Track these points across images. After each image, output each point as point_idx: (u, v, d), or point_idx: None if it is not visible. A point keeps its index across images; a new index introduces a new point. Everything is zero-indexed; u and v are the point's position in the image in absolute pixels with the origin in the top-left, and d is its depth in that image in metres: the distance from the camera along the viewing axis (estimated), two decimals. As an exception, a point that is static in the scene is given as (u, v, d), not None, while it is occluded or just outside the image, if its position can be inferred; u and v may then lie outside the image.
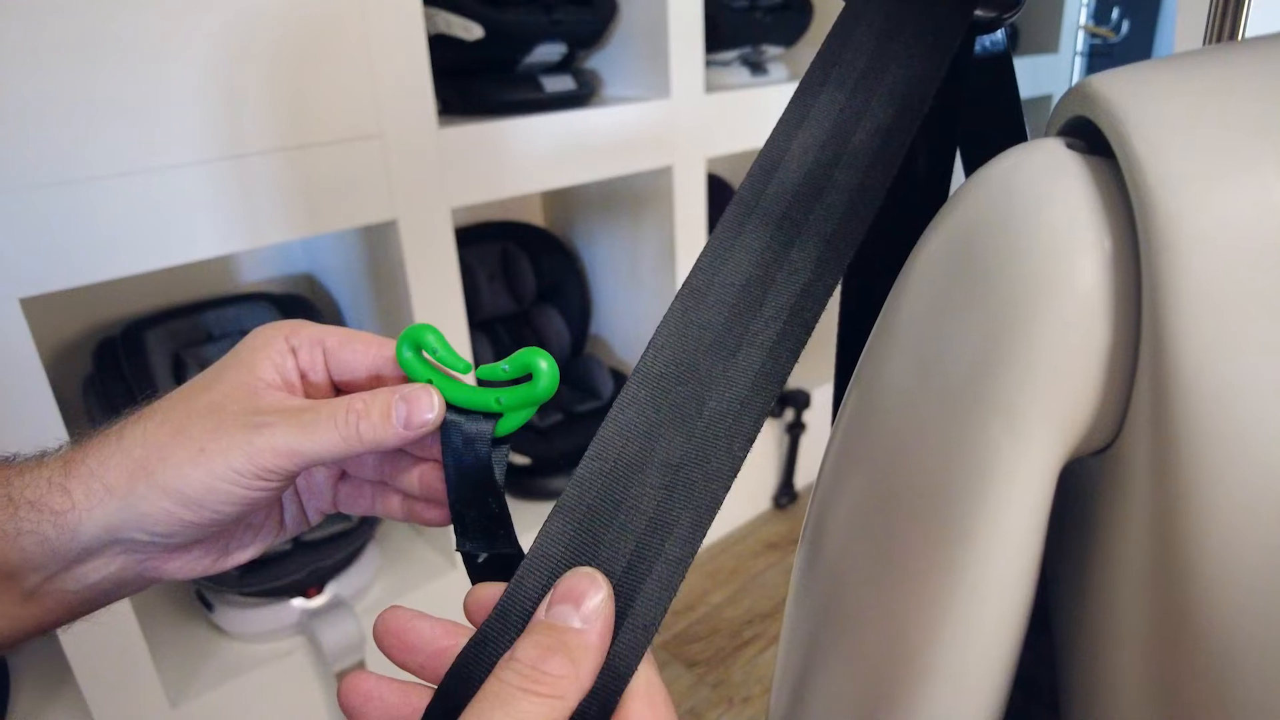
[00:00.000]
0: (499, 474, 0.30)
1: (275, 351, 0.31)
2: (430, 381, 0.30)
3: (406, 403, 0.29)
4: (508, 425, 0.30)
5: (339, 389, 0.33)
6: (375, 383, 0.32)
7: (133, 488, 0.29)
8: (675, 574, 0.25)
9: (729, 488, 0.26)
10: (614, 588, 0.25)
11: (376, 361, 0.31)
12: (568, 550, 0.25)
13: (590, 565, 0.25)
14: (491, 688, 0.22)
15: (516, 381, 0.30)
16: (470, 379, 0.31)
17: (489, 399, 0.30)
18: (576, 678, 0.23)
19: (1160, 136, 0.20)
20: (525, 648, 0.23)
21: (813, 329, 0.27)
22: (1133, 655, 0.24)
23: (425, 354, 0.31)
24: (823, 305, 0.27)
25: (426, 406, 0.29)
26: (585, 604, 0.24)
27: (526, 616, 0.25)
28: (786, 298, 0.27)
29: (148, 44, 0.79)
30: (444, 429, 0.30)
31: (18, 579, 0.29)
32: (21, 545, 0.29)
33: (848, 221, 0.28)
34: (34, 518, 0.29)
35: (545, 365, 0.29)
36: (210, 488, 0.28)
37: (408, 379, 0.31)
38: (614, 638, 0.24)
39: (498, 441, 0.30)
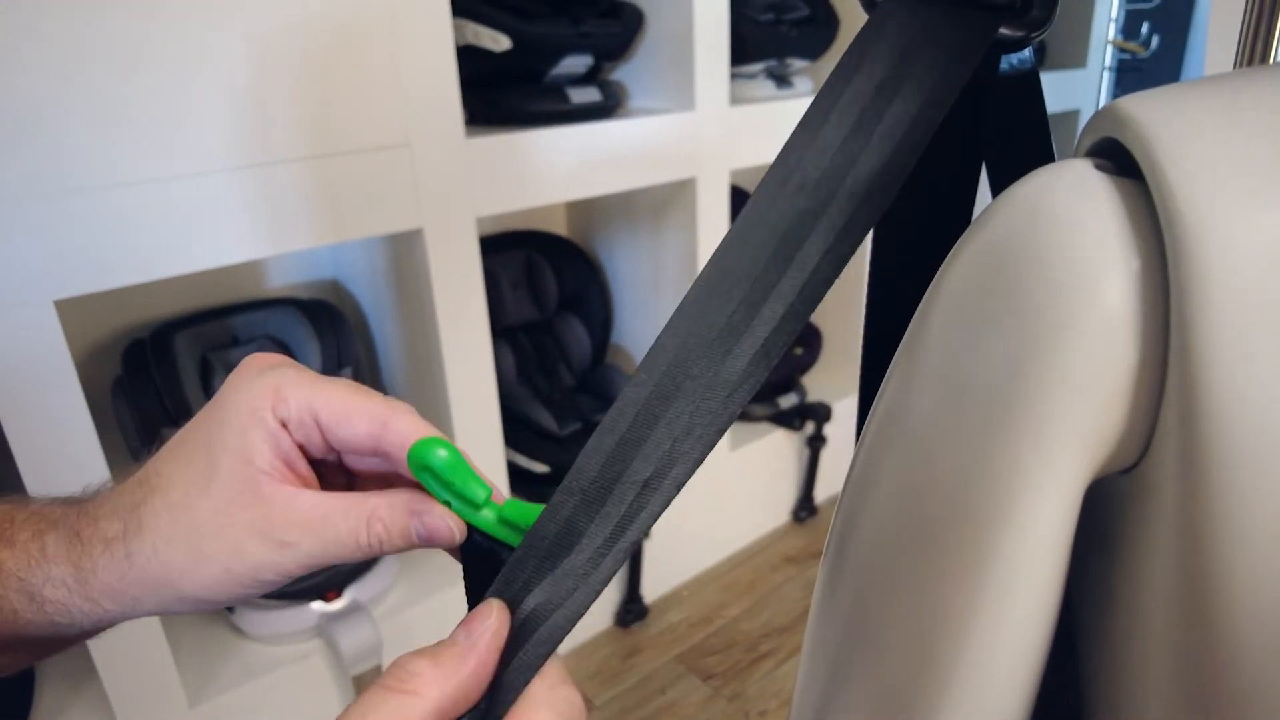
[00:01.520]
0: None
1: (267, 431, 0.28)
2: (449, 504, 0.29)
3: (426, 529, 0.29)
4: None
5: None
6: (379, 454, 0.30)
7: (160, 599, 0.29)
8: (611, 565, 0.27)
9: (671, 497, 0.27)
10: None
11: (376, 439, 0.29)
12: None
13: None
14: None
15: None
16: (500, 490, 0.30)
17: (512, 537, 0.29)
18: (435, 678, 0.24)
19: (1190, 160, 0.20)
20: (405, 656, 0.25)
21: (810, 313, 0.29)
22: (1159, 675, 0.24)
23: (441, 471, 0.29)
24: (823, 291, 0.29)
25: (445, 538, 0.29)
26: (473, 625, 0.25)
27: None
28: (792, 285, 0.29)
29: (180, 53, 0.81)
30: (464, 544, 0.30)
31: (57, 638, 0.31)
32: (56, 624, 0.30)
33: (860, 212, 0.29)
34: (62, 611, 0.29)
35: None
36: (238, 595, 0.29)
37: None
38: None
39: None
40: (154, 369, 1.07)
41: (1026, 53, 0.38)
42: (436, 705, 0.23)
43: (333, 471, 0.32)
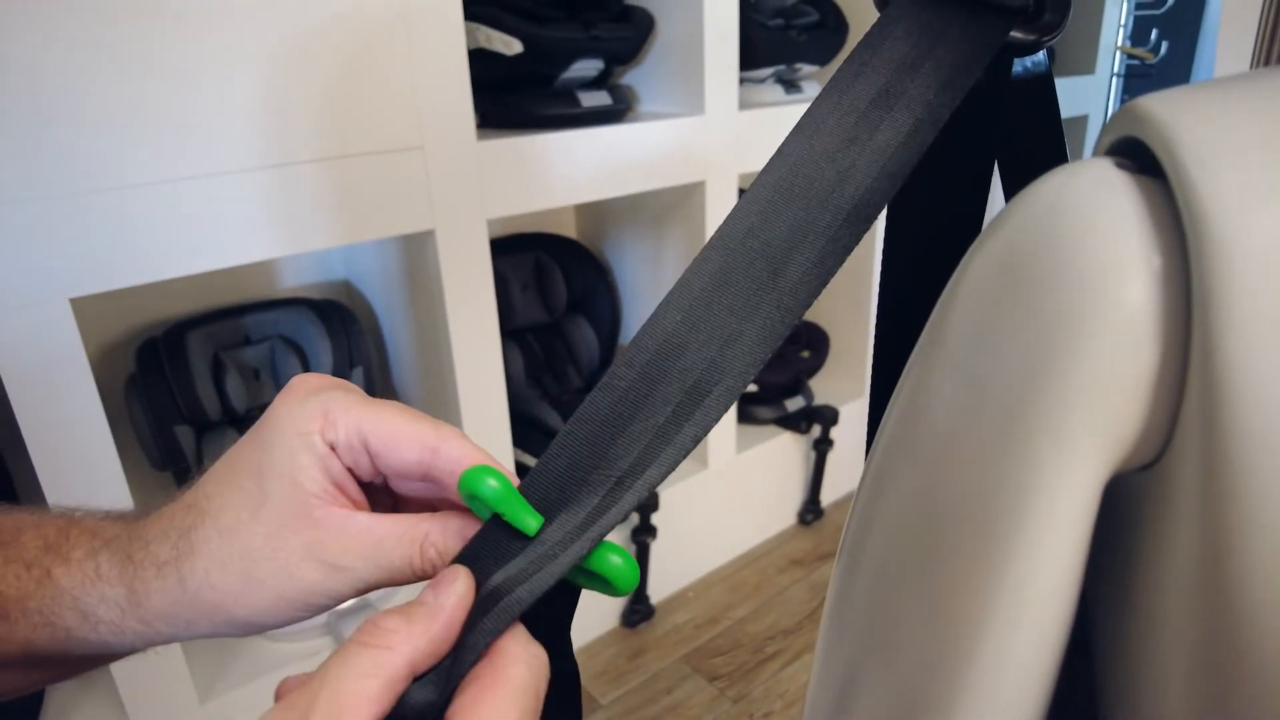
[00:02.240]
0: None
1: (316, 455, 0.28)
2: None
3: None
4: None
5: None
6: (428, 480, 0.30)
7: (214, 624, 0.29)
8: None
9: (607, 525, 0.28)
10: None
11: (425, 465, 0.29)
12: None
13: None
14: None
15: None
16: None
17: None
18: (408, 635, 0.25)
19: (1212, 156, 0.20)
20: (378, 615, 0.25)
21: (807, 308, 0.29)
22: (1176, 673, 0.24)
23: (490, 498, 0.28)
24: (808, 304, 0.29)
25: None
26: (440, 589, 0.26)
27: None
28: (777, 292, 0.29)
29: (200, 56, 0.82)
30: None
31: (104, 656, 0.32)
32: (108, 642, 0.30)
33: (849, 226, 0.30)
34: (115, 631, 0.30)
35: (619, 561, 0.28)
36: (289, 619, 0.30)
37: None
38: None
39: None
40: (167, 367, 1.08)
41: (1040, 56, 0.38)
42: (409, 659, 0.24)
43: (378, 493, 0.32)
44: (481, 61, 1.12)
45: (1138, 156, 0.23)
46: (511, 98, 1.18)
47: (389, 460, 0.29)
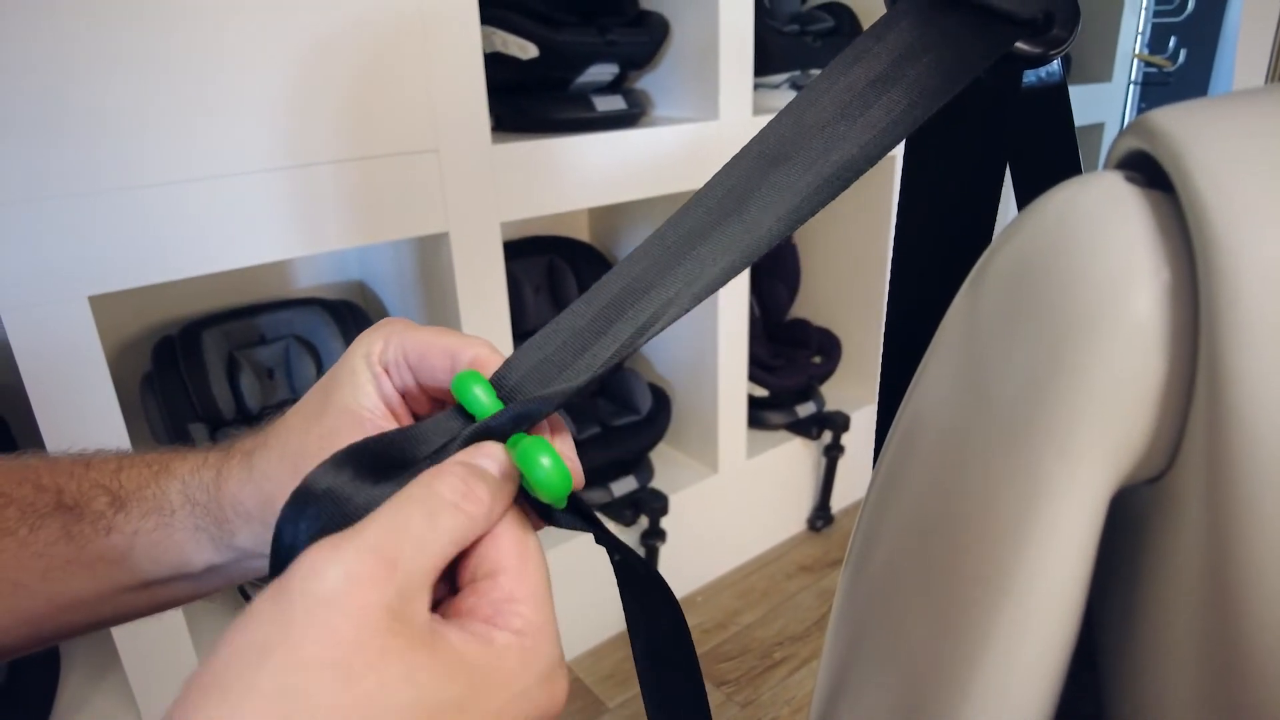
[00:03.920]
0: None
1: (373, 375, 0.31)
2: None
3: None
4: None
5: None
6: None
7: (266, 520, 0.31)
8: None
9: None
10: None
11: (450, 373, 0.31)
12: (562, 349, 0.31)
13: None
14: (419, 493, 0.24)
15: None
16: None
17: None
18: (489, 510, 0.25)
19: (1222, 171, 0.20)
20: (459, 469, 0.25)
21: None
22: (1182, 685, 0.24)
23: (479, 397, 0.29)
24: (765, 248, 0.31)
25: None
26: (504, 465, 0.27)
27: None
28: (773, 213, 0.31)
29: (218, 58, 0.83)
30: None
31: (191, 565, 0.34)
32: (199, 540, 0.33)
33: (825, 188, 0.31)
34: (205, 520, 0.32)
35: (548, 464, 0.26)
36: None
37: None
38: None
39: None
40: (182, 365, 1.09)
41: (1055, 66, 0.38)
42: (478, 534, 0.25)
43: None
44: (497, 65, 1.12)
45: (1148, 170, 0.23)
46: (526, 101, 1.19)
47: (424, 374, 0.31)
